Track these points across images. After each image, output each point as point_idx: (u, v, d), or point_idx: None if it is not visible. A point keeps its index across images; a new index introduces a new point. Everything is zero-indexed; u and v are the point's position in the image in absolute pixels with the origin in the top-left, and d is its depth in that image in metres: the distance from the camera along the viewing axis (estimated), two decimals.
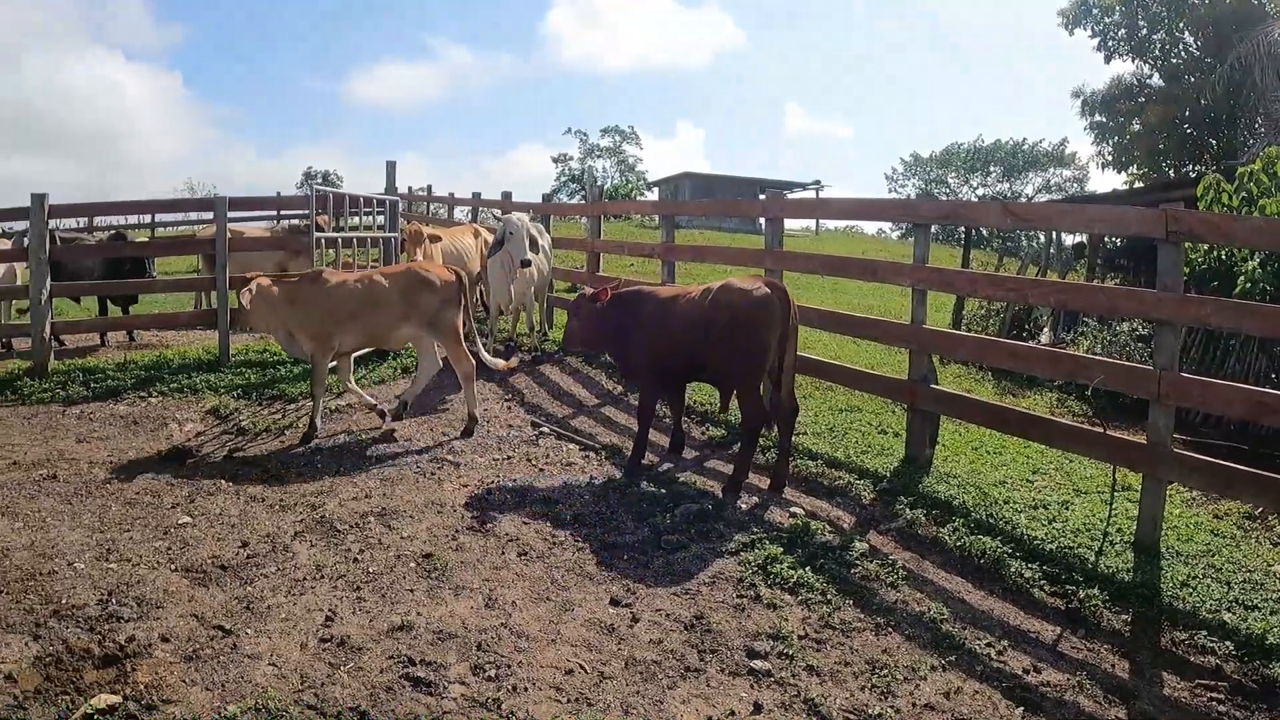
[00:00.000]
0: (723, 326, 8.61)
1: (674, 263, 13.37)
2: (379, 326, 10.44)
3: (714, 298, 8.76)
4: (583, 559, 7.40)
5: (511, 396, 11.93)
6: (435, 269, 10.65)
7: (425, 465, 9.53)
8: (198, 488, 9.00)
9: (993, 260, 35.78)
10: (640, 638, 6.27)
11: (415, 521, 8.10)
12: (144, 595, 6.77)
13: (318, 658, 5.94)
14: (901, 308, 20.24)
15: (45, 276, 13.42)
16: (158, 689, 5.62)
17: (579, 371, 13.21)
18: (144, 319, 15.72)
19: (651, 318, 9.22)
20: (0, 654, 6.08)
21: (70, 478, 9.28)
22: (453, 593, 6.79)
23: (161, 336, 16.36)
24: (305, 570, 7.16)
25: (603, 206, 16.57)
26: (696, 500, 8.55)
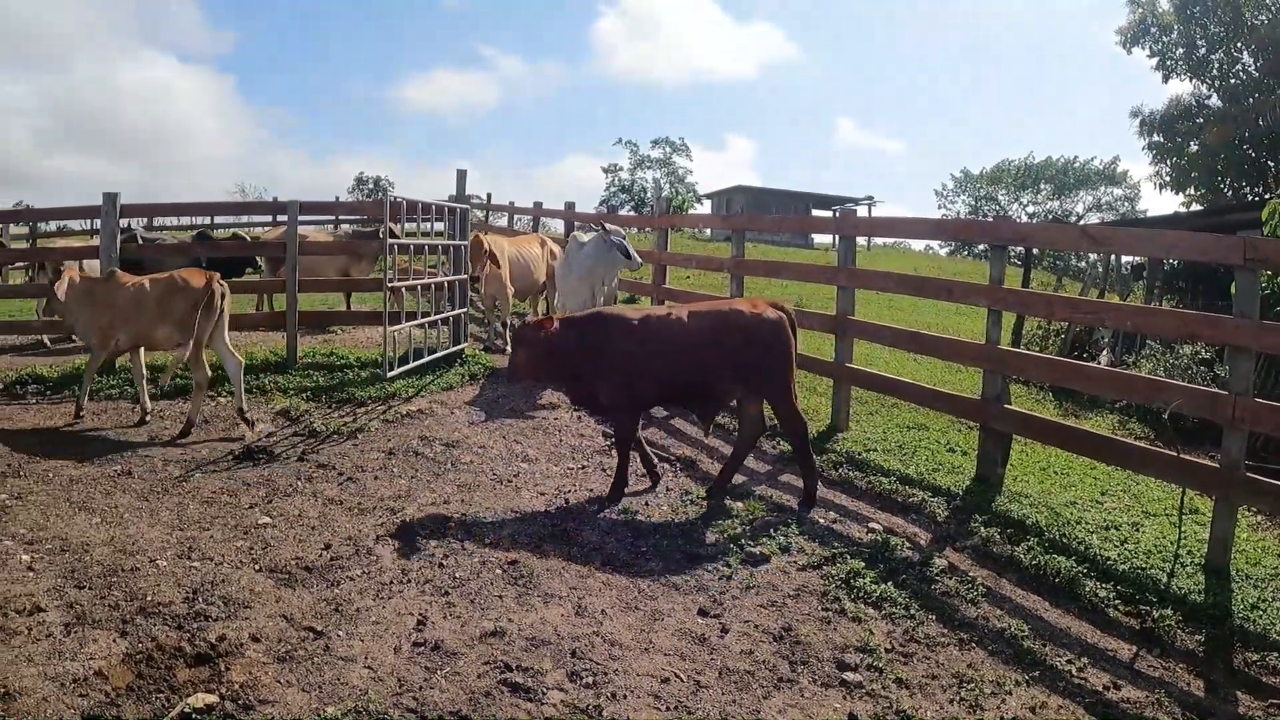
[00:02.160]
0: (752, 348, 8.71)
1: (743, 278, 13.31)
2: (143, 326, 11.00)
3: (728, 321, 8.79)
4: (667, 569, 7.39)
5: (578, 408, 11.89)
6: (193, 275, 11.07)
7: (501, 472, 9.53)
8: (274, 489, 9.04)
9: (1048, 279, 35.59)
10: (731, 648, 6.25)
11: (497, 528, 8.11)
12: (230, 595, 6.77)
13: (413, 661, 5.92)
14: (959, 326, 20.17)
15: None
16: (253, 689, 5.61)
17: None
18: None
19: (631, 342, 8.86)
20: (88, 649, 6.09)
21: (146, 475, 9.34)
22: (542, 600, 6.77)
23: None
24: (391, 574, 7.16)
25: (670, 219, 16.52)
26: (774, 513, 8.50)
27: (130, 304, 10.96)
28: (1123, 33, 42.47)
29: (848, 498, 9.07)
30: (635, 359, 8.79)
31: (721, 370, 8.75)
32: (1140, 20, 41.82)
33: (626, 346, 8.81)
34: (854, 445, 10.28)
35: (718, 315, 8.86)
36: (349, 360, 13.80)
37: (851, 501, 8.98)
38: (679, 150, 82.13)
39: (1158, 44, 41.87)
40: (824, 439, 10.54)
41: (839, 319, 10.95)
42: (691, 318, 8.87)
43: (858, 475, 9.51)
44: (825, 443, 10.40)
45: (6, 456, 9.89)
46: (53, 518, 8.30)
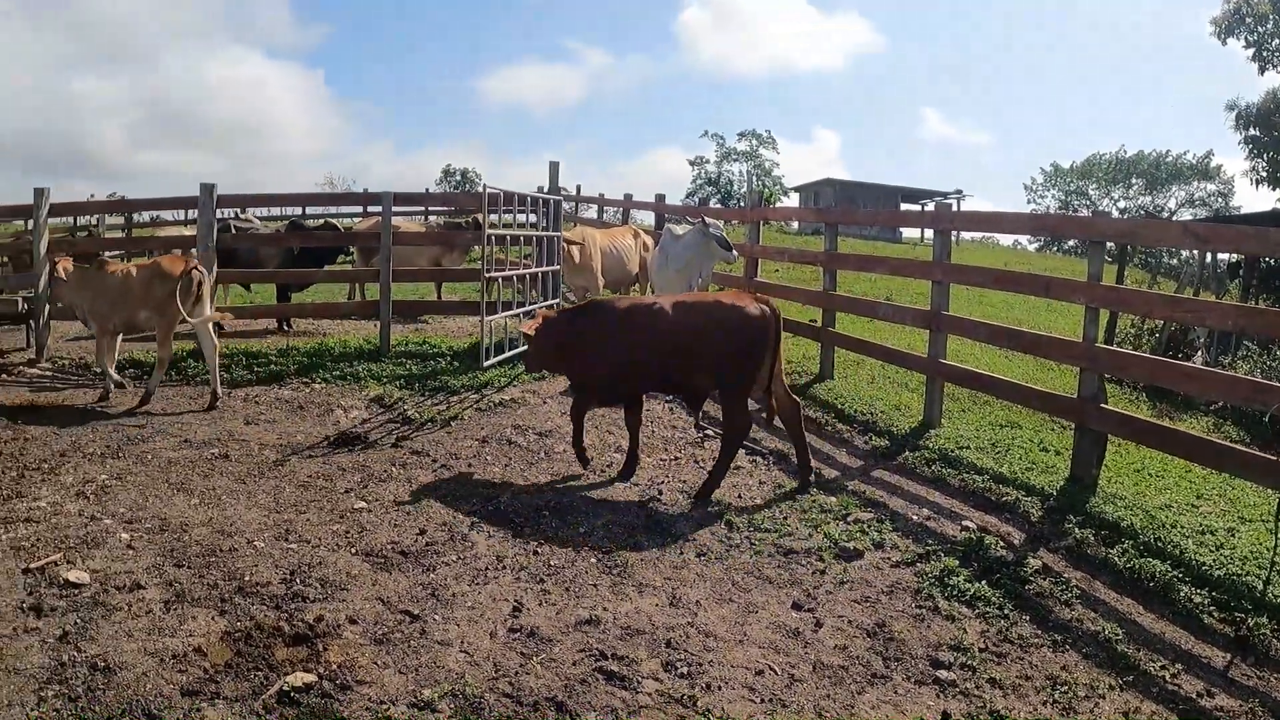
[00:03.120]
0: (722, 341, 8.77)
1: (836, 271, 13.22)
2: (130, 310, 11.64)
3: (710, 313, 8.91)
4: (760, 562, 7.36)
5: (672, 398, 11.88)
6: (173, 263, 11.71)
7: (595, 462, 9.58)
8: (369, 474, 9.17)
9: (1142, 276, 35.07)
10: (825, 643, 6.22)
11: (590, 518, 8.14)
12: (327, 577, 6.88)
13: (509, 647, 5.96)
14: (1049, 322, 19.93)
15: (212, 263, 13.69)
16: (351, 669, 5.67)
17: None
18: (306, 307, 16.12)
19: (619, 329, 9.13)
20: (187, 626, 6.21)
21: (242, 458, 9.50)
22: (636, 589, 6.80)
23: (317, 325, 16.59)
24: (486, 560, 7.23)
25: (763, 213, 16.41)
26: (867, 508, 8.45)
27: (118, 290, 11.58)
28: (1217, 23, 41.81)
29: (941, 495, 8.98)
30: (620, 347, 9.04)
31: (700, 361, 8.87)
32: (1235, 10, 41.13)
33: (613, 334, 9.09)
34: (947, 442, 10.17)
35: (701, 307, 9.04)
36: (441, 349, 13.93)
37: (945, 499, 8.88)
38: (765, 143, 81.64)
39: (1253, 34, 41.15)
40: (916, 435, 10.44)
41: (933, 314, 10.83)
42: (675, 309, 9.01)
43: (951, 473, 9.41)
44: (918, 439, 10.29)
45: (105, 438, 10.07)
46: (151, 498, 8.47)
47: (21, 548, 7.45)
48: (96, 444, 9.95)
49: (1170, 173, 78.52)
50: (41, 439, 10.14)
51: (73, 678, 5.66)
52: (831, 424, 10.91)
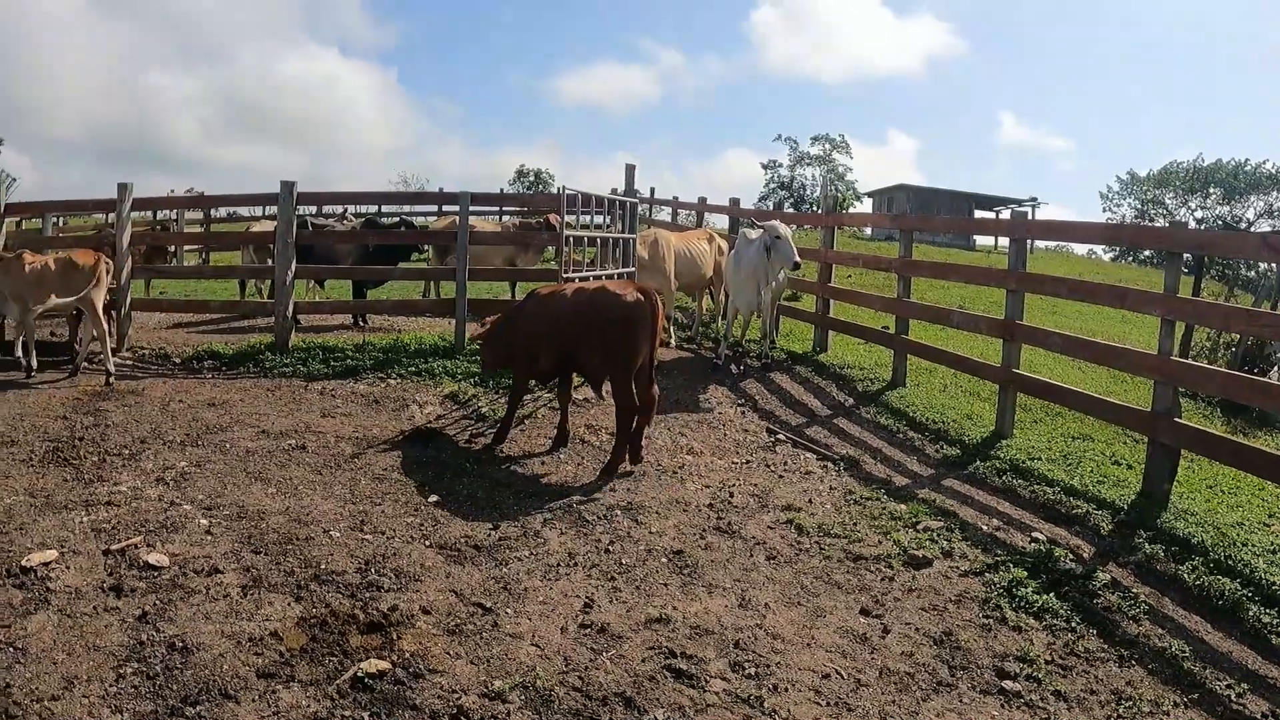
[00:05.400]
0: (600, 325, 9.47)
1: (910, 278, 13.19)
2: (48, 295, 12.44)
3: (590, 299, 9.67)
4: (829, 567, 7.38)
5: (744, 401, 11.96)
6: (85, 255, 12.87)
7: (666, 463, 9.63)
8: (443, 468, 9.30)
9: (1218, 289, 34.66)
10: (892, 649, 6.23)
11: (662, 518, 8.19)
12: (401, 568, 6.99)
13: (579, 642, 6.03)
14: (1123, 334, 19.75)
15: (291, 260, 13.98)
16: (423, 658, 5.77)
17: (809, 381, 13.17)
18: (382, 304, 16.28)
19: (529, 314, 10.12)
20: (264, 611, 6.34)
21: (319, 450, 9.64)
22: (706, 590, 6.85)
23: (392, 321, 16.76)
24: (558, 557, 7.31)
25: (838, 218, 16.41)
26: (937, 516, 8.45)
27: (35, 278, 12.48)
28: None
29: (1011, 505, 8.95)
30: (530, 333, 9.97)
31: (585, 344, 9.61)
32: None
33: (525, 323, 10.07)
34: (1018, 453, 10.13)
35: (587, 294, 9.80)
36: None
37: (1015, 510, 8.85)
38: (839, 147, 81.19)
39: None
40: (988, 445, 10.41)
41: (1007, 324, 10.78)
42: (572, 294, 9.94)
43: (1021, 484, 9.37)
44: (989, 449, 10.26)
45: (185, 426, 10.26)
46: (230, 486, 8.62)
47: (103, 530, 7.64)
48: (176, 432, 10.14)
49: (1249, 182, 77.08)
50: (122, 426, 10.36)
51: (151, 656, 5.81)
52: (903, 431, 10.89)
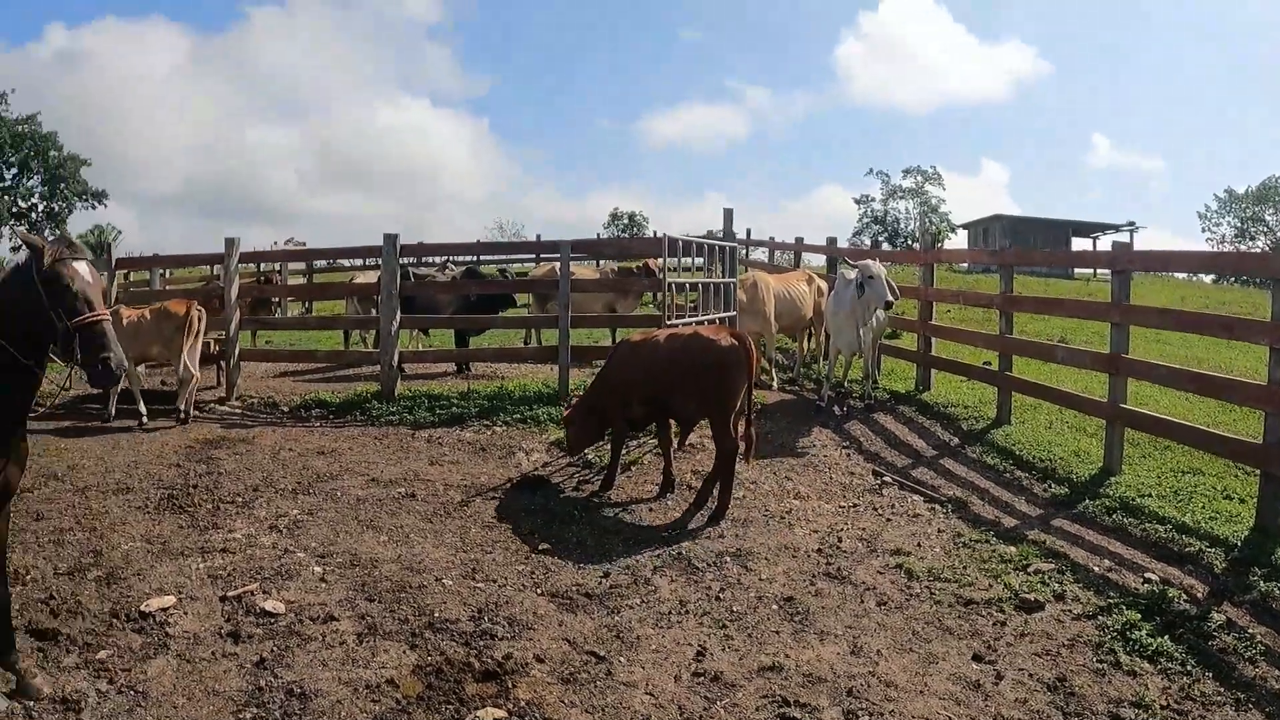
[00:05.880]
0: (695, 371, 9.61)
1: (1012, 315, 13.07)
2: (147, 347, 13.39)
3: (685, 344, 9.80)
4: (940, 612, 7.34)
5: (849, 443, 11.91)
6: (175, 305, 13.62)
7: (773, 508, 9.62)
8: (552, 516, 9.38)
9: None
10: (1005, 695, 6.19)
11: (771, 564, 8.19)
12: (514, 615, 7.07)
13: (692, 691, 6.07)
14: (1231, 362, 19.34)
15: (395, 310, 14.22)
16: (539, 707, 5.84)
17: (913, 420, 13.08)
18: (485, 351, 16.46)
19: (621, 362, 10.33)
20: (380, 659, 6.45)
21: (428, 498, 9.78)
22: (817, 637, 6.85)
23: (494, 368, 16.91)
24: (670, 604, 7.35)
25: (936, 254, 16.34)
26: (1047, 558, 8.35)
27: (132, 331, 13.08)
28: None
29: (1122, 545, 8.82)
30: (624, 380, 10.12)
31: (679, 390, 9.75)
32: None
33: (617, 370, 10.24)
34: (1127, 490, 9.97)
35: (680, 340, 9.93)
36: None
37: (1126, 549, 8.72)
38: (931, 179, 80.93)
39: None
40: (1096, 483, 10.26)
41: (1113, 358, 10.63)
42: (665, 340, 10.07)
43: (1132, 522, 9.23)
44: (1098, 487, 10.10)
45: (296, 474, 10.43)
46: (342, 534, 8.78)
47: (219, 576, 7.83)
48: (287, 480, 10.33)
49: None
50: (234, 474, 10.58)
51: (270, 702, 5.96)
52: (1010, 471, 10.78)
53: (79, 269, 5.67)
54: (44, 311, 5.59)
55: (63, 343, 5.60)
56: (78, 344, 5.55)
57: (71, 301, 5.57)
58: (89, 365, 5.58)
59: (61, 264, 5.62)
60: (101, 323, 5.60)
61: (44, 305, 5.58)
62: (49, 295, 5.58)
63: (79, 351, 5.55)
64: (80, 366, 5.62)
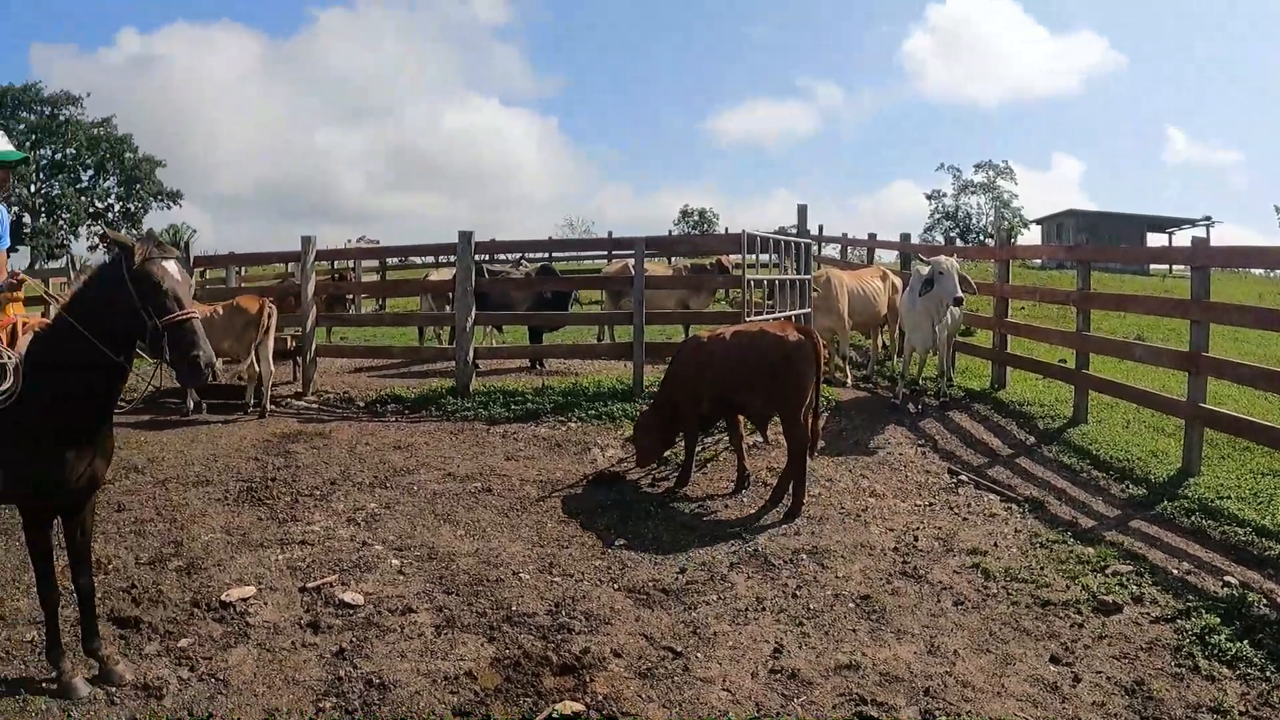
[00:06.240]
0: (763, 368, 9.72)
1: (1089, 311, 12.92)
2: (219, 342, 12.91)
3: (752, 341, 9.93)
4: (1017, 613, 7.29)
5: (924, 441, 11.84)
6: (247, 301, 14.02)
7: (849, 506, 9.61)
8: (628, 511, 9.44)
9: None
10: (1083, 698, 6.15)
11: (848, 562, 8.19)
12: (591, 610, 7.14)
13: (769, 688, 6.09)
14: None
15: (471, 307, 14.30)
16: (616, 701, 5.89)
17: (988, 419, 12.97)
18: (559, 348, 16.54)
19: (688, 360, 10.47)
20: (458, 651, 6.54)
21: (504, 493, 9.88)
22: (894, 636, 6.84)
23: (568, 365, 16.96)
24: (746, 601, 7.38)
25: (1012, 250, 16.12)
26: (1125, 560, 8.28)
27: (204, 326, 12.80)
28: None
29: (1201, 548, 8.71)
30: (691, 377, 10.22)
31: (747, 387, 9.87)
32: None
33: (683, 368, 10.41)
34: (1206, 492, 9.84)
35: (747, 338, 10.04)
36: None
37: (1205, 552, 8.61)
38: (1003, 174, 79.81)
39: None
40: (1174, 484, 10.13)
41: (1192, 356, 10.48)
42: (732, 338, 10.17)
43: (1211, 524, 9.11)
44: (1176, 488, 9.98)
45: (373, 468, 10.55)
46: (419, 527, 8.89)
47: (298, 568, 7.98)
48: (364, 474, 10.46)
49: None
50: (312, 467, 10.72)
51: (349, 692, 6.07)
52: (1086, 471, 10.66)
53: (168, 267, 5.79)
54: (134, 309, 5.70)
55: (152, 340, 5.71)
56: (167, 341, 5.66)
57: (161, 299, 5.68)
58: (178, 362, 5.69)
59: (151, 262, 5.73)
60: (191, 320, 5.72)
61: (134, 303, 5.70)
62: (139, 293, 5.69)
63: (169, 349, 5.67)
64: (169, 364, 5.74)
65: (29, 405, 5.81)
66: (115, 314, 5.78)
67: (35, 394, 5.82)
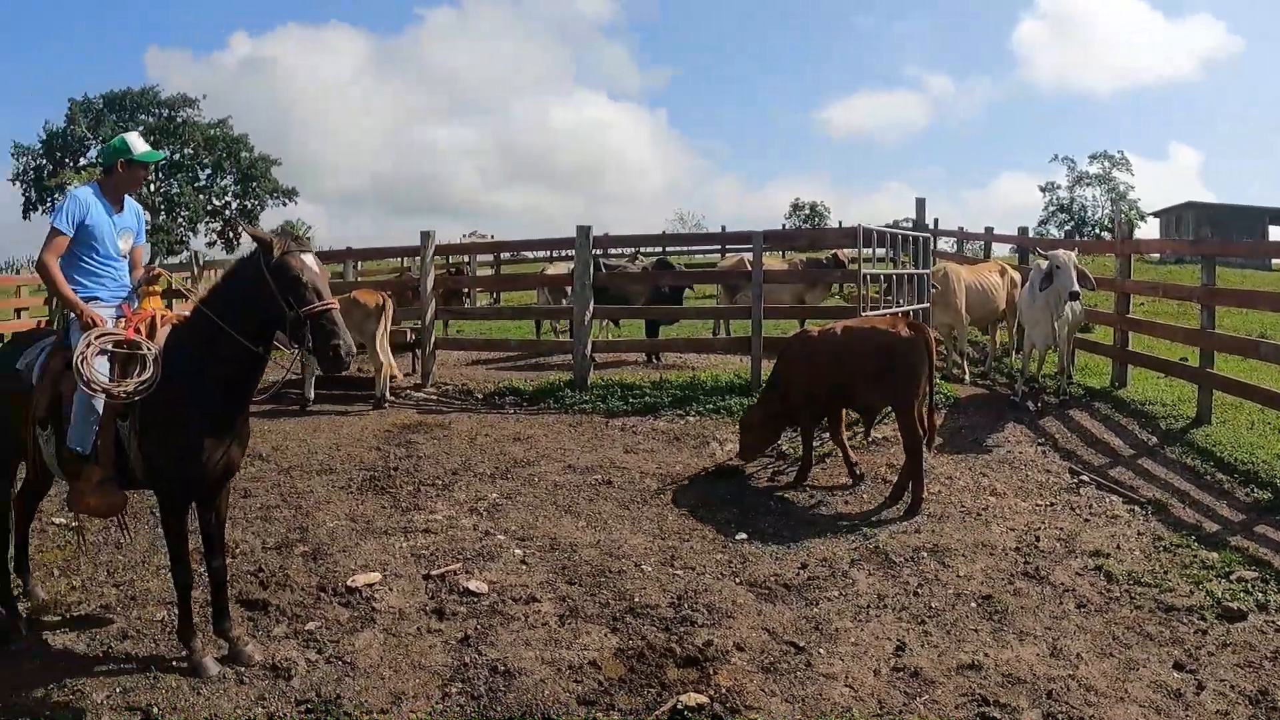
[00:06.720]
0: (876, 363, 9.74)
1: (1214, 308, 12.66)
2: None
3: (864, 337, 9.95)
4: (1140, 618, 7.20)
5: (1044, 440, 11.71)
6: (365, 294, 14.32)
7: (969, 504, 9.56)
8: (747, 506, 9.51)
9: None
10: (1206, 706, 6.06)
11: (969, 561, 8.15)
12: (713, 603, 7.21)
13: (892, 685, 6.11)
14: None
15: (589, 301, 14.42)
16: (739, 694, 5.95)
17: (1109, 418, 12.77)
18: (676, 342, 16.64)
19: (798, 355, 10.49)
20: (582, 641, 6.65)
21: (624, 485, 9.98)
22: (1016, 637, 6.81)
23: (684, 358, 17.01)
24: (867, 598, 7.40)
25: (1133, 245, 15.90)
26: (1250, 566, 8.13)
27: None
28: None
29: None
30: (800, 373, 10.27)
31: (859, 382, 9.92)
32: None
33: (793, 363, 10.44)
34: None
35: (859, 333, 10.09)
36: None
37: None
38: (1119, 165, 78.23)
39: None
40: None
41: None
42: (843, 333, 10.19)
43: None
44: None
45: (494, 459, 10.70)
46: (541, 518, 9.01)
47: (421, 556, 8.15)
48: (485, 465, 10.62)
49: None
50: (433, 458, 10.92)
51: (475, 678, 6.19)
52: (1210, 473, 10.45)
53: (307, 260, 5.95)
54: (274, 301, 5.88)
55: (293, 331, 5.88)
56: (309, 331, 5.82)
57: (301, 291, 5.85)
58: (320, 352, 5.85)
59: (290, 255, 5.90)
60: (331, 311, 5.88)
61: (274, 295, 5.87)
62: (279, 286, 5.87)
63: (310, 339, 5.83)
64: (311, 353, 5.91)
65: (169, 395, 6.01)
66: (255, 306, 5.96)
67: (175, 384, 6.02)
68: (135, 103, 71.13)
